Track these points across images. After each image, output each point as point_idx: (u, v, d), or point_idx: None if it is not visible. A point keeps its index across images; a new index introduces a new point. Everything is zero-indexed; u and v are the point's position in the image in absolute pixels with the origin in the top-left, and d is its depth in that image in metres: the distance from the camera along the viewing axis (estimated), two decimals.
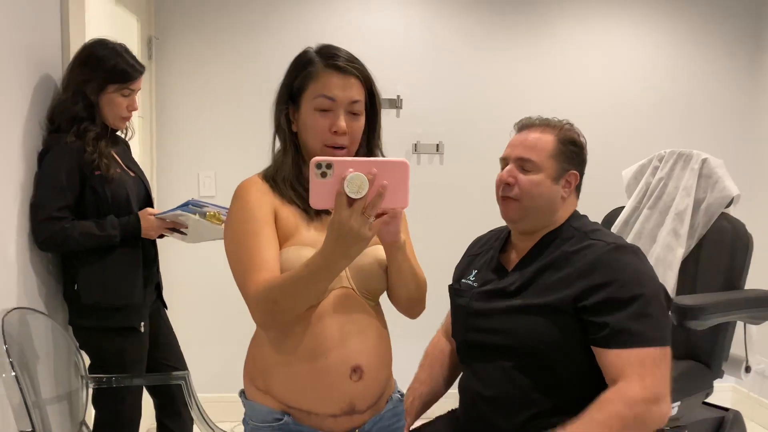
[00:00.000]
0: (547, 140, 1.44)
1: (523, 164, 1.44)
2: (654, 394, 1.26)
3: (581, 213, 1.54)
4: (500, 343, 1.40)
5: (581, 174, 1.49)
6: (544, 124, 1.48)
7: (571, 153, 1.46)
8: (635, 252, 1.39)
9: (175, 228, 2.04)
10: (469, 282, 1.55)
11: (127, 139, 2.16)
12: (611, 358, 1.29)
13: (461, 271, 1.63)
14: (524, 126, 1.50)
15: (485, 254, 1.59)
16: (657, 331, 1.31)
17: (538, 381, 1.36)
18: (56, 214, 1.85)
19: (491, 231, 1.68)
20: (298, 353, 1.20)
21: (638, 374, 1.26)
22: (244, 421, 1.30)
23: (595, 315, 1.31)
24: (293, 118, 1.28)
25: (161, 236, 2.09)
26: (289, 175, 1.27)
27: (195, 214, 1.99)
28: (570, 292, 1.34)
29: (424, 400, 1.59)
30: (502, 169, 1.49)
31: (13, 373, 1.55)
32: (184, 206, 2.00)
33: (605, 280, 1.32)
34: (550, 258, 1.41)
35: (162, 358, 2.17)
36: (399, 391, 1.38)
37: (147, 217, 1.98)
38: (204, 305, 3.12)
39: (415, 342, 1.80)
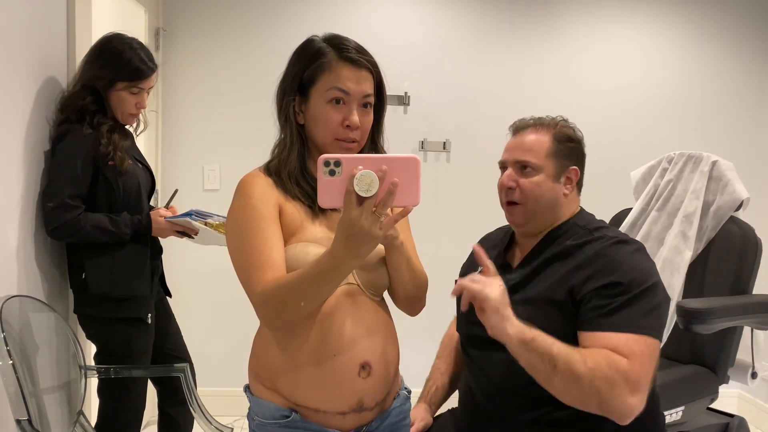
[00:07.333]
0: (543, 140, 1.44)
1: (522, 167, 1.44)
2: (635, 378, 1.20)
3: (588, 212, 1.52)
4: None
5: (582, 168, 1.49)
6: (539, 124, 1.47)
7: (569, 149, 1.45)
8: (638, 248, 1.37)
9: (185, 232, 2.04)
10: None
11: (137, 133, 2.16)
12: (600, 342, 1.24)
13: (467, 266, 1.63)
14: (519, 128, 1.50)
15: (491, 251, 1.58)
16: (649, 321, 1.26)
17: None
18: (69, 202, 1.85)
19: (499, 228, 1.67)
20: (306, 354, 1.18)
21: (626, 356, 1.21)
22: (249, 417, 1.28)
23: (588, 300, 1.29)
24: (299, 109, 1.25)
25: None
26: (294, 170, 1.23)
27: (198, 222, 1.99)
28: (570, 282, 1.32)
29: (446, 389, 1.61)
30: (502, 173, 1.49)
31: (11, 361, 1.54)
32: (187, 215, 1.99)
33: (605, 269, 1.30)
34: (552, 252, 1.40)
35: (167, 348, 2.17)
36: (406, 388, 1.36)
37: (158, 219, 1.99)
38: (208, 299, 3.11)
39: (420, 338, 1.78)
